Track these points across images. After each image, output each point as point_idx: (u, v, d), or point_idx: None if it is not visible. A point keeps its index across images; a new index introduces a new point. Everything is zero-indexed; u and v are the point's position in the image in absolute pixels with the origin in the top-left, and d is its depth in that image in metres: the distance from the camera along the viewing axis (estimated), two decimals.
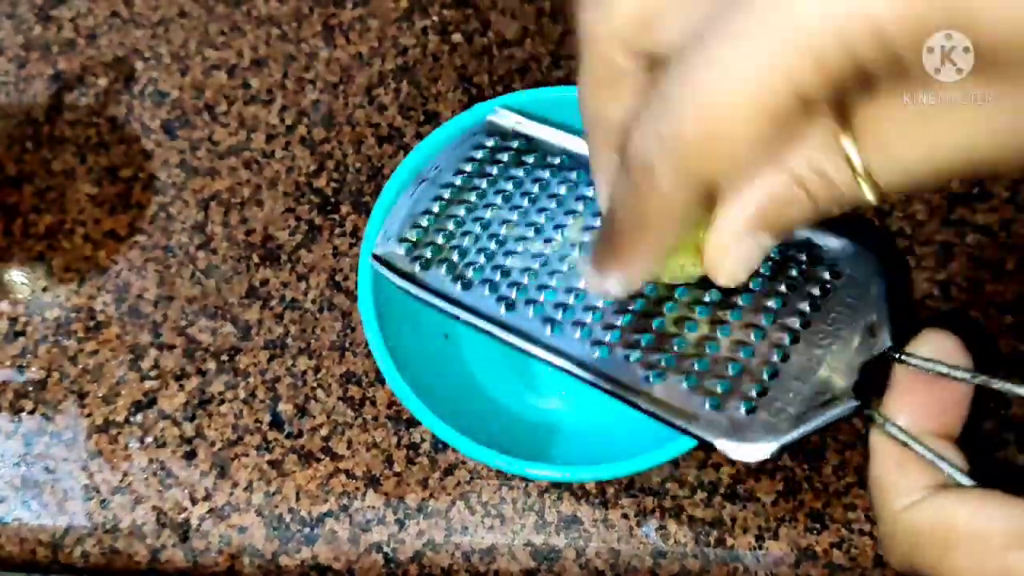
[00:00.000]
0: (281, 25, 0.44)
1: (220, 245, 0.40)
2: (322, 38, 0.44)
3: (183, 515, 0.35)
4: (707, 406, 0.25)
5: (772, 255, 0.27)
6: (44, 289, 0.39)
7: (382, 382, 0.37)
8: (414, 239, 0.30)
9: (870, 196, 0.19)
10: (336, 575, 0.35)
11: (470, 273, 0.29)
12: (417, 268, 0.29)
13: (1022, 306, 0.37)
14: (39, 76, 0.43)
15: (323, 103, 0.43)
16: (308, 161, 0.41)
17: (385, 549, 0.35)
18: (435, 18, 0.44)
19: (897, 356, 0.23)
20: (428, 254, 0.29)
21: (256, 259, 0.40)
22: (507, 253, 0.29)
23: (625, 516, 0.35)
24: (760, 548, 0.34)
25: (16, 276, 0.40)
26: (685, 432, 0.25)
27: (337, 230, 0.40)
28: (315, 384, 0.37)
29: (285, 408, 0.37)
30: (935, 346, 0.23)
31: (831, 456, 0.35)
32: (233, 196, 0.41)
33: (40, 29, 0.45)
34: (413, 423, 0.36)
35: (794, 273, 0.26)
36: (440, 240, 0.30)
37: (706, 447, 0.25)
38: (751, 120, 0.17)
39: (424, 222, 0.30)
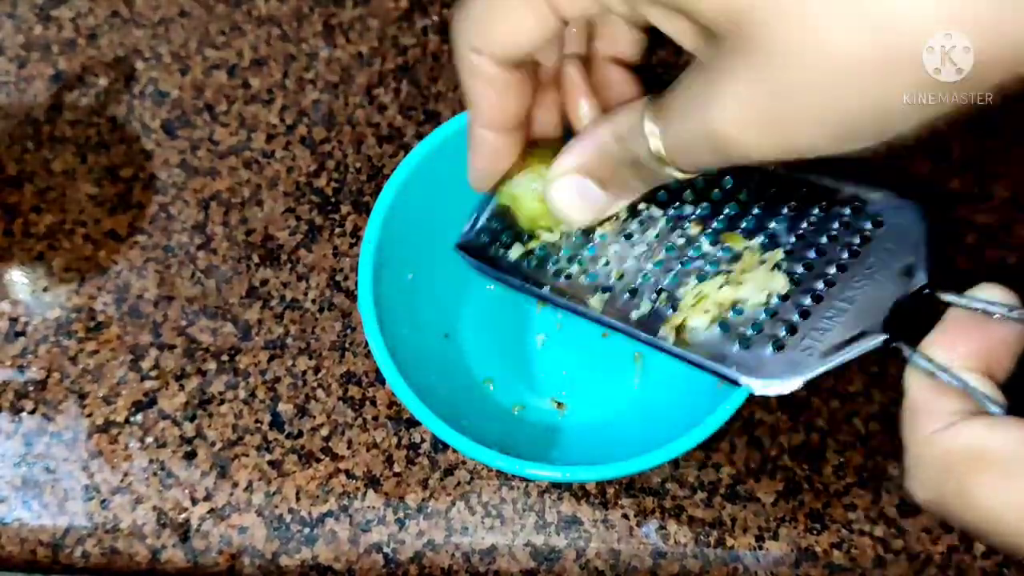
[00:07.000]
0: (281, 25, 0.44)
1: (220, 245, 0.40)
2: (322, 38, 0.44)
3: (183, 515, 0.35)
4: (736, 347, 0.26)
5: (817, 209, 0.27)
6: (44, 289, 0.39)
7: (382, 382, 0.37)
8: (495, 227, 0.31)
9: (669, 171, 0.23)
10: (336, 575, 0.35)
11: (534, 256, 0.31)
12: (495, 253, 0.31)
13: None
14: (39, 76, 0.43)
15: (323, 103, 0.43)
16: (308, 161, 0.41)
17: (385, 549, 0.35)
18: (435, 18, 0.44)
19: (931, 293, 0.23)
20: (504, 239, 0.31)
21: (256, 259, 0.40)
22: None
23: (625, 516, 0.35)
24: (760, 548, 0.34)
25: (16, 276, 0.40)
26: (713, 372, 0.26)
27: (337, 230, 0.40)
28: (315, 384, 0.37)
29: (285, 408, 0.37)
30: (983, 291, 0.22)
31: (831, 456, 0.35)
32: (233, 196, 0.41)
33: (40, 29, 0.45)
34: (413, 423, 0.36)
35: (836, 225, 0.27)
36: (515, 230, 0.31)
37: (708, 441, 0.25)
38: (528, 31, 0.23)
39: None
